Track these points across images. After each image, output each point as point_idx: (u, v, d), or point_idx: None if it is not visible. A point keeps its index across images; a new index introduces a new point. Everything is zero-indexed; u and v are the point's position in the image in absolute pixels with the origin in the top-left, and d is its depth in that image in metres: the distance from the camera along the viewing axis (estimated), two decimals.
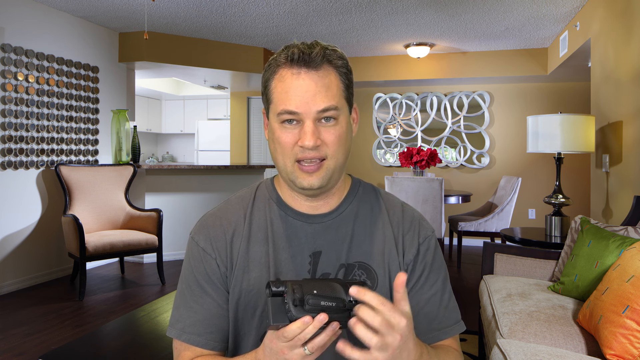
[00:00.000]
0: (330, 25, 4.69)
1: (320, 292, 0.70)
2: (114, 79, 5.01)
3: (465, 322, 3.14)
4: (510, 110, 6.04)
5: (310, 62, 0.84)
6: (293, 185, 0.89)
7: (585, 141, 2.98)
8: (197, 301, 0.93)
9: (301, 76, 0.84)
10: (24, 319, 3.23)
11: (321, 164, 0.86)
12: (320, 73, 0.85)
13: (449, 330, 0.94)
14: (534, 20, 4.41)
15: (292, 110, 0.84)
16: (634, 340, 1.43)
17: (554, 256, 2.48)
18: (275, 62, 0.87)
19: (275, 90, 0.86)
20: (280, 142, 0.86)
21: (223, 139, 8.01)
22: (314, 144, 0.83)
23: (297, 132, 0.85)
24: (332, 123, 0.86)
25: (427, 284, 0.95)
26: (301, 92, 0.83)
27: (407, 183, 4.22)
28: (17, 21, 3.93)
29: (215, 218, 0.97)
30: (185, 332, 0.92)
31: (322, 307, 0.69)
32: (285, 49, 0.87)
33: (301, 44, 0.86)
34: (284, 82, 0.85)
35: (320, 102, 0.84)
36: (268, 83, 0.88)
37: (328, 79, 0.85)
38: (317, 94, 0.84)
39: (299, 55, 0.84)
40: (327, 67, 0.86)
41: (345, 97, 0.89)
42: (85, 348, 1.68)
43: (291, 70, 0.85)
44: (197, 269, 0.94)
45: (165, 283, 4.07)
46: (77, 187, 4.08)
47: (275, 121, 0.87)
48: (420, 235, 0.97)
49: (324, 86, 0.85)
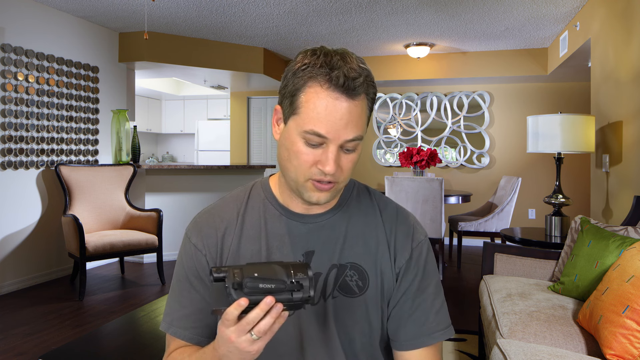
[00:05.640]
0: (330, 25, 4.69)
1: (260, 275, 0.70)
2: (114, 79, 5.01)
3: (465, 322, 3.16)
4: (510, 110, 6.04)
5: (352, 91, 0.81)
6: (299, 194, 0.89)
7: (585, 141, 2.98)
8: (186, 296, 0.95)
9: (339, 102, 0.81)
10: (24, 319, 3.23)
11: (332, 185, 0.86)
12: (356, 102, 0.82)
13: (437, 336, 0.94)
14: (534, 20, 4.41)
15: (322, 134, 0.81)
16: (634, 340, 1.43)
17: (554, 256, 2.48)
18: (312, 72, 0.82)
19: (307, 105, 0.82)
20: (299, 157, 0.84)
21: (223, 139, 8.01)
22: (335, 171, 0.83)
23: (319, 153, 0.83)
24: (352, 151, 0.85)
25: (419, 288, 0.95)
26: (336, 118, 0.81)
27: (407, 183, 4.22)
28: (17, 21, 3.93)
29: (208, 215, 0.98)
30: (172, 326, 0.94)
31: (262, 289, 0.69)
32: (324, 64, 0.81)
33: (342, 63, 0.81)
34: (319, 101, 0.81)
35: (350, 132, 0.82)
36: (298, 92, 0.83)
37: (360, 108, 0.83)
38: (349, 123, 0.82)
39: (344, 81, 0.80)
40: (363, 97, 0.84)
41: (367, 124, 0.88)
42: (85, 348, 1.68)
43: (331, 94, 0.80)
44: (187, 265, 0.96)
45: (165, 283, 4.07)
46: (77, 187, 4.08)
47: (298, 135, 0.84)
48: (414, 239, 0.97)
49: (357, 116, 0.83)
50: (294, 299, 0.71)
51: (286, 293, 0.71)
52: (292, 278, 0.71)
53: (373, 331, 0.94)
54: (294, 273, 0.72)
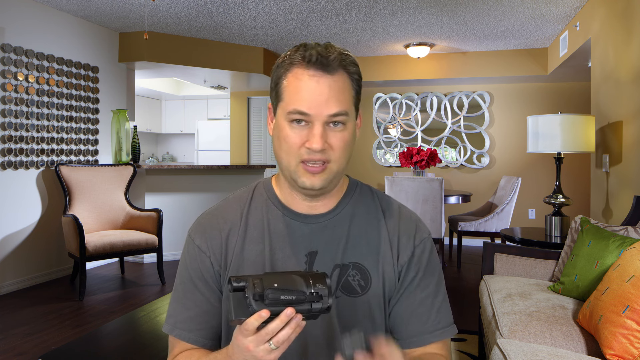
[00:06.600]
0: (330, 25, 4.69)
1: (280, 285, 0.70)
2: (114, 79, 5.01)
3: (465, 322, 3.16)
4: (510, 110, 6.04)
5: (327, 65, 0.84)
6: (294, 183, 0.90)
7: (585, 141, 2.98)
8: (190, 298, 0.94)
9: (316, 79, 0.84)
10: (24, 319, 3.23)
11: (325, 166, 0.86)
12: (335, 78, 0.85)
13: (440, 334, 0.94)
14: (534, 20, 4.41)
15: (304, 111, 0.84)
16: (634, 340, 1.43)
17: (554, 256, 2.48)
18: (290, 59, 0.87)
19: (288, 89, 0.86)
20: (287, 141, 0.86)
21: (223, 139, 8.01)
22: (322, 147, 0.84)
23: (305, 133, 0.85)
24: (340, 128, 0.86)
25: (420, 286, 0.95)
26: (315, 94, 0.84)
27: (407, 183, 4.22)
28: (17, 21, 3.93)
29: (212, 217, 0.98)
30: (176, 328, 0.94)
31: (283, 300, 0.69)
32: (301, 49, 0.86)
33: (318, 46, 0.86)
34: (298, 81, 0.85)
35: (332, 106, 0.84)
36: (280, 80, 0.88)
37: (342, 84, 0.86)
38: (330, 98, 0.84)
39: (317, 57, 0.84)
40: (342, 73, 0.86)
41: (354, 103, 0.89)
42: (85, 348, 1.68)
43: (307, 72, 0.85)
44: (191, 266, 0.95)
45: (165, 283, 4.07)
46: (77, 187, 4.08)
47: (284, 119, 0.87)
48: (417, 237, 0.97)
49: (338, 91, 0.85)
50: (313, 310, 0.71)
51: (306, 304, 0.71)
52: (312, 289, 0.71)
53: (376, 330, 0.94)
54: (313, 283, 0.72)
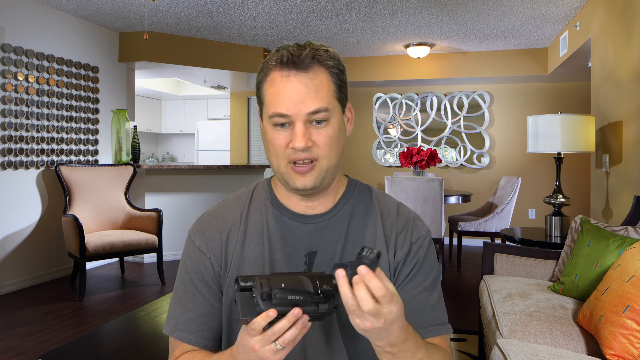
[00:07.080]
0: (330, 25, 4.69)
1: (288, 285, 0.70)
2: (114, 79, 5.01)
3: (465, 322, 3.16)
4: (510, 110, 6.04)
5: (299, 63, 0.84)
6: (287, 185, 0.90)
7: (585, 141, 2.98)
8: (190, 299, 0.94)
9: (290, 78, 0.84)
10: (24, 319, 3.23)
11: (313, 164, 0.86)
12: (310, 74, 0.85)
13: (434, 330, 0.93)
14: (534, 20, 4.41)
15: (283, 112, 0.84)
16: (634, 340, 1.43)
17: (554, 256, 2.48)
18: (267, 64, 0.88)
19: (267, 93, 0.87)
20: (273, 144, 0.87)
21: (223, 139, 8.01)
22: (305, 145, 0.84)
23: (288, 134, 0.85)
24: (323, 125, 0.86)
25: (414, 281, 0.94)
26: (291, 94, 0.84)
27: (407, 183, 4.22)
28: (17, 21, 3.93)
29: (212, 217, 0.98)
30: (177, 329, 0.93)
31: (290, 300, 0.69)
32: (276, 51, 0.87)
33: (292, 46, 0.86)
34: (274, 84, 0.85)
35: (310, 104, 0.84)
36: (260, 86, 0.89)
37: (318, 80, 0.85)
38: (306, 96, 0.84)
39: (288, 57, 0.84)
40: (318, 68, 0.86)
41: (337, 98, 0.88)
42: (85, 348, 1.68)
43: (281, 73, 0.85)
44: (191, 268, 0.95)
45: (165, 283, 4.07)
46: (77, 187, 4.08)
47: (268, 123, 0.87)
48: (414, 235, 0.97)
49: (314, 87, 0.84)
50: (320, 311, 0.71)
51: (313, 305, 0.71)
52: (319, 289, 0.71)
53: None
54: (320, 284, 0.72)
